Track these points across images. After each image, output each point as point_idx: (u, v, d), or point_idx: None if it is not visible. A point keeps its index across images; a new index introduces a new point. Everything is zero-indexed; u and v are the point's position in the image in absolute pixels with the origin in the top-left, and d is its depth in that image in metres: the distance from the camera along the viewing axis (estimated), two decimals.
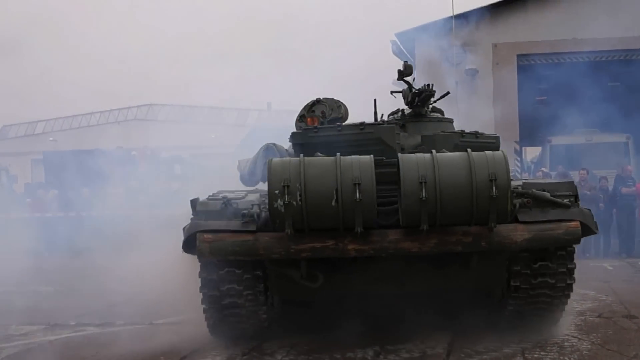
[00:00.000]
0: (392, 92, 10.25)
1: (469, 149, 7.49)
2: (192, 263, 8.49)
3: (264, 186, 8.65)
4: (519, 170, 20.73)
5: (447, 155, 7.57)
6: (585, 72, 20.01)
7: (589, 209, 8.35)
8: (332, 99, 10.23)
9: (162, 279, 14.29)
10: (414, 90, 9.51)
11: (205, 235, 7.61)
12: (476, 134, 9.88)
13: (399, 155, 7.58)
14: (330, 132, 9.18)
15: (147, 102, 58.14)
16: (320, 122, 9.78)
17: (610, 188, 18.11)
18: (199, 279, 8.13)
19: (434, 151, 7.51)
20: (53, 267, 17.89)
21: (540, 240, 7.69)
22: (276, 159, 7.45)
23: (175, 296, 12.54)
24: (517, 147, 20.07)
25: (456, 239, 7.55)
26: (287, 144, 9.83)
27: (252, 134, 28.41)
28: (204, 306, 8.37)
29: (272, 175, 7.19)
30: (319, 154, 7.99)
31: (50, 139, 51.45)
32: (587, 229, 7.99)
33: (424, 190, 7.10)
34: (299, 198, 7.12)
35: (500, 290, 8.57)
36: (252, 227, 7.63)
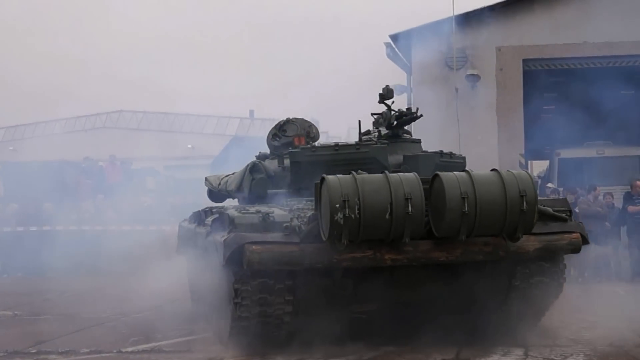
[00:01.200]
0: (372, 114, 11.68)
1: (497, 169, 9.00)
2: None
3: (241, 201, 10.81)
4: None
5: (482, 173, 8.84)
6: (597, 79, 20.13)
7: (581, 222, 10.49)
8: (302, 119, 11.86)
9: (134, 301, 14.40)
10: (394, 112, 10.96)
11: (254, 247, 8.69)
12: (450, 155, 11.38)
13: (440, 174, 8.73)
14: (328, 151, 10.56)
15: (117, 109, 58.11)
16: (306, 141, 11.18)
17: (617, 204, 18.19)
18: (232, 290, 9.11)
19: (470, 170, 8.89)
20: (12, 289, 17.89)
21: (549, 250, 9.40)
22: (330, 177, 8.49)
23: (148, 319, 12.62)
24: (522, 161, 20.07)
25: (478, 249, 9.07)
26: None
27: (233, 143, 28.54)
28: (232, 316, 9.33)
29: (331, 191, 8.29)
30: (361, 172, 8.92)
31: (10, 148, 51.32)
32: (584, 239, 9.78)
33: (466, 204, 8.40)
34: (357, 212, 8.24)
35: (504, 291, 9.94)
36: (296, 239, 8.82)
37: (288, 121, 11.77)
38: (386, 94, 10.90)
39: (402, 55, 21.27)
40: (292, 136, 11.50)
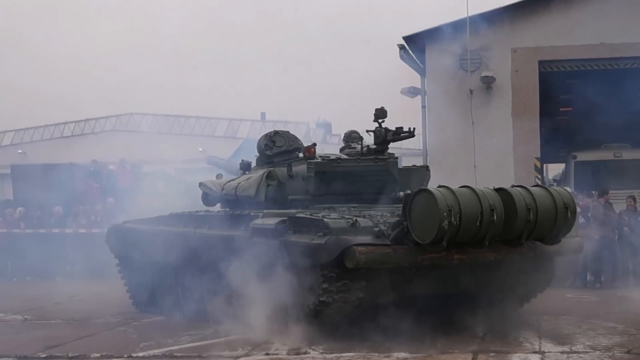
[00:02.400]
0: (367, 131, 12.97)
1: (544, 185, 11.78)
2: None
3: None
4: None
5: (536, 189, 10.66)
6: (614, 81, 20.05)
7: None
8: (287, 131, 13.96)
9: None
10: (389, 130, 12.58)
11: (360, 248, 10.05)
12: (427, 168, 13.68)
13: (509, 189, 10.45)
14: (351, 163, 12.53)
15: (127, 112, 58.20)
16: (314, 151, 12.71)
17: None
18: (320, 288, 10.40)
19: (528, 186, 10.67)
20: (21, 293, 17.93)
21: (567, 249, 11.68)
22: (434, 190, 9.93)
23: (159, 324, 12.64)
24: (538, 164, 19.97)
25: (516, 250, 10.69)
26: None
27: (245, 146, 28.47)
28: (311, 309, 10.67)
29: (439, 202, 9.72)
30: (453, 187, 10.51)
31: (19, 151, 51.53)
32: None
33: (531, 214, 10.26)
34: (458, 219, 9.77)
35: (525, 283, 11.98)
36: (388, 242, 10.29)
37: (276, 133, 13.73)
38: (380, 114, 12.47)
39: (416, 57, 21.21)
40: (282, 146, 13.51)
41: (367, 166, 12.45)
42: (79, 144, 49.18)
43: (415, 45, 20.60)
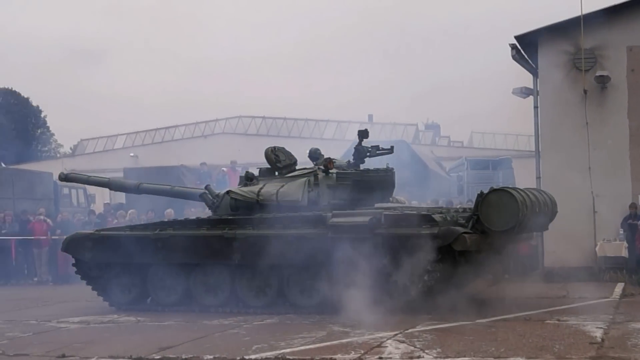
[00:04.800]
0: (355, 148, 16.12)
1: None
2: None
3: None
4: None
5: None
6: None
7: None
8: (283, 147, 16.37)
9: None
10: (368, 148, 15.97)
11: (468, 236, 13.31)
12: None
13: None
14: (374, 174, 15.84)
15: (236, 115, 58.95)
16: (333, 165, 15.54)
17: None
18: (431, 267, 13.40)
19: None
20: None
21: None
22: (511, 190, 13.80)
23: (271, 326, 12.77)
24: None
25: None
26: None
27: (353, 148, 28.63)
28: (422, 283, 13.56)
29: (518, 199, 13.38)
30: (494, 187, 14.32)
31: (131, 154, 52.62)
32: None
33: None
34: (525, 213, 13.59)
35: None
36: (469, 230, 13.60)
37: (275, 148, 16.14)
38: (363, 135, 15.71)
39: (528, 57, 20.94)
40: (285, 160, 16.01)
41: (380, 177, 15.87)
42: (188, 146, 49.97)
43: (528, 44, 20.33)
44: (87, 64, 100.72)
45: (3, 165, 33.54)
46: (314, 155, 16.28)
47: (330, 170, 15.29)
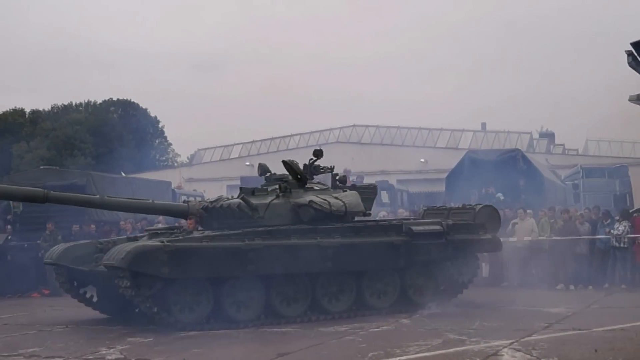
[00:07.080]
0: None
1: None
2: None
3: None
4: None
5: None
6: None
7: None
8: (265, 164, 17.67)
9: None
10: (321, 169, 17.04)
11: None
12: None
13: None
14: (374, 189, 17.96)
15: (350, 124, 59.13)
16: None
17: None
18: (476, 266, 17.01)
19: None
20: None
21: None
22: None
23: (386, 333, 12.79)
24: None
25: None
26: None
27: (467, 157, 28.47)
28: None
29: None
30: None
31: (247, 163, 53.21)
32: None
33: None
34: None
35: None
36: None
37: (284, 161, 16.71)
38: (317, 154, 16.88)
39: None
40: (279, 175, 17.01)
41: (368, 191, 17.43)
42: (303, 155, 50.24)
43: None
44: (203, 75, 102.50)
45: (123, 174, 34.29)
46: (263, 170, 17.40)
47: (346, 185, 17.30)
